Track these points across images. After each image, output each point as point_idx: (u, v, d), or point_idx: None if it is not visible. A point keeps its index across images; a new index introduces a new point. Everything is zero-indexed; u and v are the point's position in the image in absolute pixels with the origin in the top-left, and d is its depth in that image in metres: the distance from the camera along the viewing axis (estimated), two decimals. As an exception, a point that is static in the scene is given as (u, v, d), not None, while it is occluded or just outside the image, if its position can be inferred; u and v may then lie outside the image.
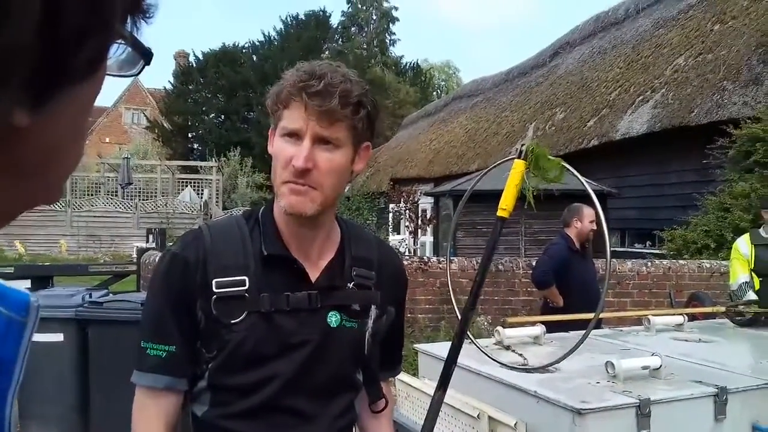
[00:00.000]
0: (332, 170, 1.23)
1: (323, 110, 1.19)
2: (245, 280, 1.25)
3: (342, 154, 1.24)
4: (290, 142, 1.22)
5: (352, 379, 1.38)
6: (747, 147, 9.15)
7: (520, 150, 1.57)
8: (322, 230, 1.33)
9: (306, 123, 1.20)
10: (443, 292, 6.73)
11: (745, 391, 2.09)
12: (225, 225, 1.35)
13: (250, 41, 36.76)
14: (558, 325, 3.34)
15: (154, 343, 1.26)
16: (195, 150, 36.57)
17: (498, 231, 1.57)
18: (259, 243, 1.29)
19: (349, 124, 1.23)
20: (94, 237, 20.96)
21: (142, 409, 1.28)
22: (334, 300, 1.31)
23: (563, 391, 2.04)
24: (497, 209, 1.64)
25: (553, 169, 1.54)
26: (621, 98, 13.41)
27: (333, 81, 1.19)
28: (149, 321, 1.31)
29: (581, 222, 5.13)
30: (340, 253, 1.36)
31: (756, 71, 10.14)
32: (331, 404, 1.33)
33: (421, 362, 2.86)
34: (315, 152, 1.21)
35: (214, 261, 1.25)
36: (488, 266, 1.62)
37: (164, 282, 1.29)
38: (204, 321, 1.25)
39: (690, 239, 9.13)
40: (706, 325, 3.41)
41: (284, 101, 1.22)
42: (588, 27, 18.30)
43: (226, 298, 1.24)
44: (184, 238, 1.35)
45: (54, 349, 4.04)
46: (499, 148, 17.29)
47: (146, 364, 1.27)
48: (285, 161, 1.22)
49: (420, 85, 41.81)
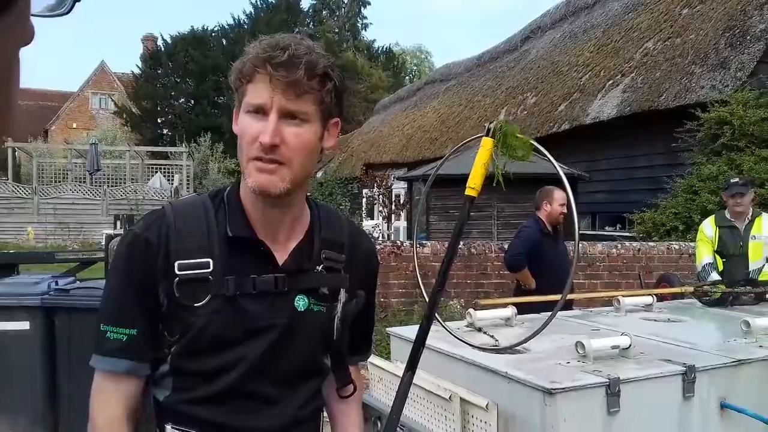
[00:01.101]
0: (301, 146, 1.19)
1: (289, 81, 1.14)
2: (209, 262, 1.21)
3: (310, 129, 1.20)
4: (256, 118, 1.18)
5: (319, 364, 1.35)
6: (714, 130, 9.29)
7: (488, 128, 1.55)
8: (291, 211, 1.29)
9: (271, 97, 1.16)
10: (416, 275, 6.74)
11: (713, 369, 2.12)
12: (189, 205, 1.30)
13: (219, 24, 36.37)
14: (530, 306, 3.36)
15: (115, 326, 1.22)
16: (165, 135, 36.07)
17: (467, 210, 1.55)
18: (225, 224, 1.25)
19: (317, 97, 1.19)
20: (62, 224, 20.63)
21: (102, 394, 1.24)
22: (302, 283, 1.27)
23: (533, 371, 2.04)
24: (465, 192, 1.62)
25: (521, 147, 1.53)
26: (591, 82, 13.51)
27: (298, 52, 1.15)
28: (109, 304, 1.27)
29: (551, 205, 5.17)
30: (310, 235, 1.32)
31: (723, 55, 10.27)
32: (297, 390, 1.29)
33: (393, 346, 2.85)
34: (282, 127, 1.17)
35: (177, 242, 1.21)
36: (457, 246, 1.61)
37: (125, 263, 1.25)
38: (166, 304, 1.21)
39: (659, 221, 9.26)
40: (674, 306, 3.44)
41: (248, 75, 1.18)
42: (559, 11, 18.38)
43: (189, 281, 1.20)
44: (146, 218, 1.30)
45: (20, 338, 3.97)
46: (472, 132, 17.26)
47: (106, 347, 1.22)
48: (251, 138, 1.17)
49: (392, 70, 41.68)
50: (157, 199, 21.72)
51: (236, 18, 36.25)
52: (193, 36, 34.83)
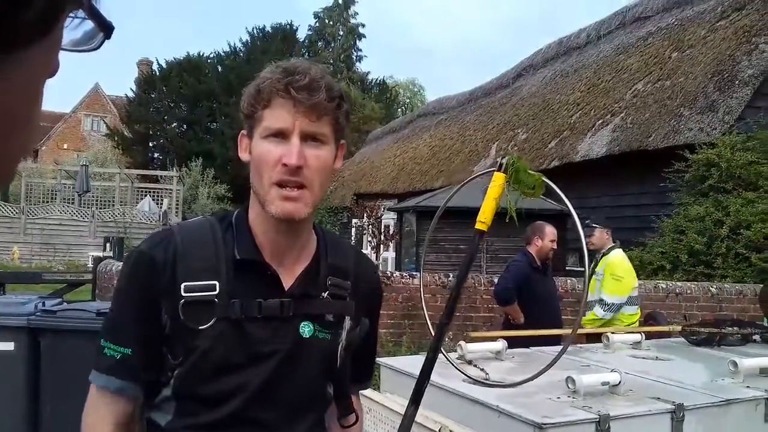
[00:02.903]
0: (321, 167, 1.20)
1: (311, 104, 1.16)
2: (216, 284, 1.19)
3: (328, 151, 1.22)
4: (275, 142, 1.18)
5: (322, 392, 1.32)
6: (702, 172, 9.42)
7: (500, 163, 1.57)
8: (300, 236, 1.28)
9: (293, 120, 1.17)
10: (405, 307, 6.73)
11: (702, 408, 2.13)
12: (197, 226, 1.29)
13: (215, 51, 36.55)
14: (518, 340, 3.37)
15: (111, 343, 1.22)
16: (155, 159, 36.03)
17: (476, 244, 1.57)
18: (232, 247, 1.24)
19: (333, 118, 1.21)
20: (48, 245, 20.44)
21: (93, 408, 1.25)
22: (307, 309, 1.26)
23: (524, 405, 2.05)
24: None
25: (532, 183, 1.55)
26: (582, 121, 13.68)
27: (316, 75, 1.18)
28: (109, 320, 1.28)
29: (542, 240, 5.21)
30: (316, 261, 1.31)
31: (712, 99, 10.45)
32: (300, 419, 1.27)
33: (383, 376, 2.84)
34: (304, 149, 1.18)
35: (183, 263, 1.20)
36: (465, 278, 1.62)
37: (128, 282, 1.24)
38: (170, 325, 1.19)
39: (646, 260, 9.32)
40: (662, 344, 3.47)
41: (266, 100, 1.18)
42: (551, 50, 18.66)
43: (194, 303, 1.18)
44: (153, 237, 1.29)
45: (5, 359, 3.91)
46: (463, 166, 17.44)
47: (102, 364, 1.23)
48: (274, 162, 1.17)
49: (385, 102, 42.01)
50: (145, 222, 21.62)
51: (232, 45, 36.51)
52: (188, 61, 34.98)
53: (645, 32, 14.30)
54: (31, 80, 0.39)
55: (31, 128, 0.42)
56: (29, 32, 0.36)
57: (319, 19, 42.74)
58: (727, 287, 7.67)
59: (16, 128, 0.40)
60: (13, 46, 0.35)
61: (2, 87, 0.37)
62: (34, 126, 0.42)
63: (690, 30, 12.62)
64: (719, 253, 8.60)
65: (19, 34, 0.35)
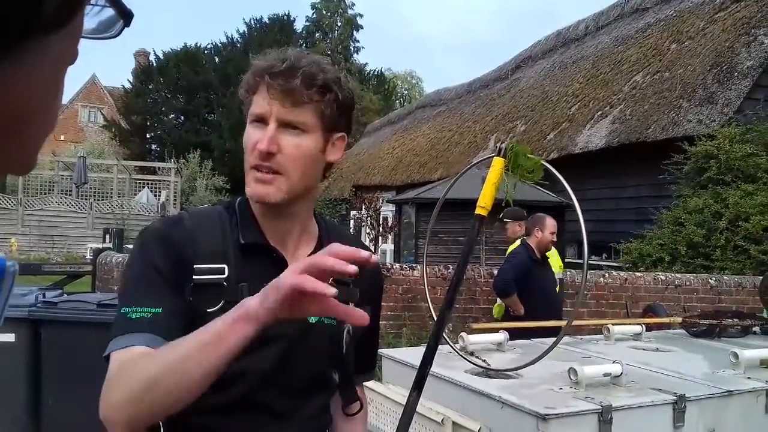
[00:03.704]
0: (298, 155, 1.20)
1: (284, 90, 1.16)
2: (225, 268, 1.21)
3: (309, 140, 1.21)
4: (257, 127, 1.20)
5: (328, 378, 1.33)
6: (701, 164, 9.43)
7: (499, 147, 1.57)
8: (298, 222, 1.30)
9: (270, 106, 1.18)
10: (405, 299, 6.75)
11: (703, 400, 2.14)
12: (205, 212, 1.32)
13: (212, 42, 36.47)
14: (518, 332, 3.38)
15: (137, 306, 1.13)
16: (153, 151, 35.98)
17: (477, 229, 1.57)
18: (237, 232, 1.26)
19: (317, 108, 1.20)
20: (46, 237, 20.44)
21: (119, 369, 1.06)
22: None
23: (527, 396, 2.06)
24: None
25: (532, 167, 1.55)
26: (580, 112, 13.67)
27: (297, 64, 1.18)
28: (131, 288, 1.19)
29: (542, 232, 5.21)
30: (320, 246, 1.32)
31: (711, 90, 10.45)
32: (306, 403, 1.28)
33: (384, 367, 2.85)
34: (280, 136, 1.19)
35: (194, 246, 1.21)
36: (467, 263, 1.62)
37: (145, 252, 1.20)
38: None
39: (645, 252, 9.34)
40: (662, 335, 3.48)
41: (252, 86, 1.21)
42: (549, 42, 18.63)
43: (204, 285, 1.19)
44: (164, 220, 1.29)
45: (5, 350, 3.92)
46: (461, 158, 17.43)
47: (125, 327, 1.11)
48: (251, 146, 1.19)
49: (383, 93, 41.94)
50: (143, 214, 21.61)
51: (229, 36, 36.41)
52: (185, 52, 34.89)
53: (644, 24, 14.28)
54: (52, 68, 0.39)
55: (52, 116, 0.42)
56: (52, 20, 0.35)
57: (316, 10, 42.53)
58: (726, 279, 7.69)
59: (37, 116, 0.40)
60: (34, 34, 0.35)
61: (23, 75, 0.37)
62: (54, 114, 0.42)
63: (689, 21, 12.60)
64: (718, 245, 8.62)
65: (42, 22, 0.35)
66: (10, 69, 0.35)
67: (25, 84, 0.37)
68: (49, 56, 0.38)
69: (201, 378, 0.98)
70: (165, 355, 1.02)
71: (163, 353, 1.03)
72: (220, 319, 0.99)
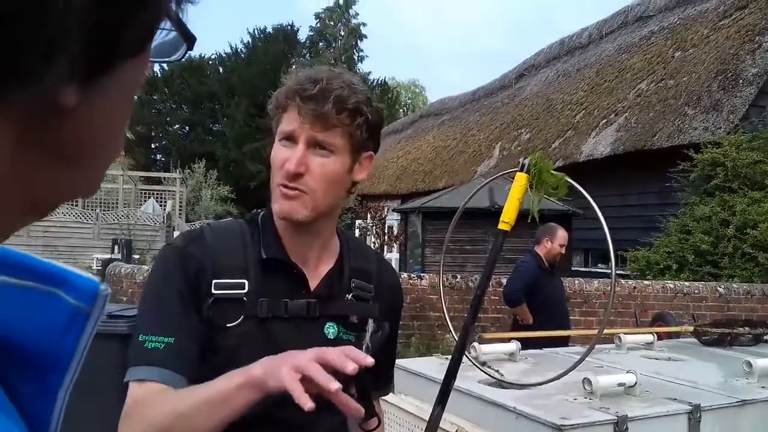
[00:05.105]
0: (325, 176, 1.20)
1: (316, 114, 1.17)
2: (245, 283, 1.21)
3: (337, 161, 1.22)
4: (286, 145, 1.21)
5: (346, 393, 1.34)
6: (708, 171, 9.43)
7: (522, 163, 1.57)
8: (320, 238, 1.30)
9: (300, 126, 1.19)
10: (413, 308, 6.73)
11: (718, 409, 2.14)
12: (226, 227, 1.32)
13: (216, 53, 36.61)
14: (527, 342, 3.37)
15: (153, 335, 1.16)
16: (158, 161, 36.10)
17: (500, 244, 1.57)
18: (259, 247, 1.26)
19: (346, 131, 1.20)
20: (51, 247, 20.45)
21: (135, 404, 1.13)
22: (332, 310, 1.27)
23: (542, 407, 2.05)
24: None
25: (555, 183, 1.55)
26: (585, 121, 13.68)
27: (329, 86, 1.18)
28: (148, 312, 1.22)
29: (552, 242, 5.19)
30: (339, 263, 1.33)
31: (716, 98, 10.45)
32: (325, 420, 1.27)
33: (396, 378, 2.85)
34: (308, 156, 1.19)
35: (214, 261, 1.21)
36: (490, 279, 1.62)
37: (165, 273, 1.22)
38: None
39: (653, 260, 9.33)
40: (673, 344, 3.47)
41: (282, 105, 1.21)
42: (553, 50, 18.67)
43: (223, 301, 1.19)
44: (185, 235, 1.30)
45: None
46: (466, 166, 17.45)
47: (142, 358, 1.14)
48: (279, 164, 1.20)
49: (387, 103, 41.99)
50: (149, 224, 21.63)
51: (234, 47, 36.57)
52: (190, 63, 35.02)
53: (647, 31, 14.30)
54: (125, 94, 0.40)
55: (120, 141, 0.43)
56: (130, 48, 0.36)
57: (320, 19, 42.68)
58: (735, 287, 7.66)
59: (110, 142, 0.41)
60: (113, 64, 0.36)
61: (103, 102, 0.37)
62: (122, 138, 0.43)
63: (693, 29, 12.62)
64: (726, 252, 8.60)
65: (121, 51, 0.36)
66: (93, 97, 0.36)
67: (102, 111, 0.38)
68: (125, 82, 0.39)
69: (210, 429, 1.05)
70: (175, 405, 1.08)
71: (174, 402, 1.09)
72: (227, 378, 1.04)
